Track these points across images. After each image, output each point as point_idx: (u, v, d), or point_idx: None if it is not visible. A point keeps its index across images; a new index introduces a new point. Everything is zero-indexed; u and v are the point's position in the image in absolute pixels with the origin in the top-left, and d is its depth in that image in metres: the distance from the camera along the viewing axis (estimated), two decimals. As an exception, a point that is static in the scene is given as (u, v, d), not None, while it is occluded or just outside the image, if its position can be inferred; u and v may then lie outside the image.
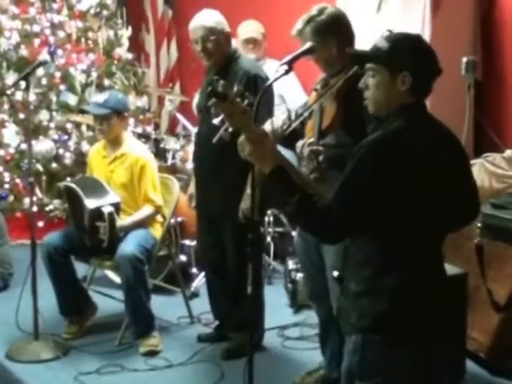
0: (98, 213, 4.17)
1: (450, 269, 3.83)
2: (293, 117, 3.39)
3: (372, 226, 2.24)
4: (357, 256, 2.35)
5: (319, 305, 3.67)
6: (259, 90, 3.78)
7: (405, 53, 2.32)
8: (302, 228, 3.42)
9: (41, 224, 5.87)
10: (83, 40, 6.63)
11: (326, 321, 3.58)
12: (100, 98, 4.56)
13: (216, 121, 2.62)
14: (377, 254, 2.28)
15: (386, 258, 2.27)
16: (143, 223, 4.46)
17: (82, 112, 4.87)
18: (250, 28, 5.50)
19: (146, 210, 4.45)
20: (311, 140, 3.28)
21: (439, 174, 2.27)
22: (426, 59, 2.35)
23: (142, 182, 4.44)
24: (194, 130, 5.47)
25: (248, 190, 3.46)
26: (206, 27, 4.00)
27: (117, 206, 4.25)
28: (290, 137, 3.28)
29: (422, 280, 2.29)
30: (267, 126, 3.27)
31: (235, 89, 2.39)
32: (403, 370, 2.28)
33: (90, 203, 4.19)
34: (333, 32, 3.30)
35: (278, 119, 3.42)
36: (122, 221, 4.35)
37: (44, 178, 6.15)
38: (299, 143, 3.31)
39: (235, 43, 4.26)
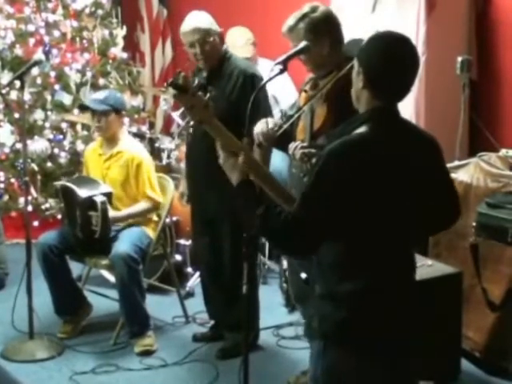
0: (90, 202, 4.18)
1: (445, 268, 3.84)
2: (284, 118, 3.38)
3: (335, 233, 2.16)
4: (323, 259, 2.26)
5: (305, 306, 3.66)
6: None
7: (367, 51, 2.24)
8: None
9: (36, 223, 5.87)
10: (78, 39, 6.60)
11: None
12: (100, 94, 4.61)
13: (176, 114, 2.60)
14: (343, 258, 2.21)
15: (352, 263, 2.21)
16: (139, 218, 4.47)
17: (82, 108, 4.88)
18: (240, 45, 5.46)
19: (143, 205, 4.46)
20: (304, 143, 3.25)
21: (410, 177, 2.22)
22: (382, 61, 2.20)
23: (139, 180, 4.44)
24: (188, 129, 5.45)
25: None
26: (202, 29, 3.92)
27: (109, 196, 4.26)
28: (281, 138, 3.26)
29: (387, 285, 2.23)
30: (262, 126, 3.25)
31: (196, 82, 2.36)
32: (364, 375, 2.22)
33: (83, 193, 4.21)
34: (326, 31, 3.24)
35: (272, 120, 3.41)
36: (117, 212, 4.36)
37: (39, 177, 6.14)
38: (291, 145, 3.28)
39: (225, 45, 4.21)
